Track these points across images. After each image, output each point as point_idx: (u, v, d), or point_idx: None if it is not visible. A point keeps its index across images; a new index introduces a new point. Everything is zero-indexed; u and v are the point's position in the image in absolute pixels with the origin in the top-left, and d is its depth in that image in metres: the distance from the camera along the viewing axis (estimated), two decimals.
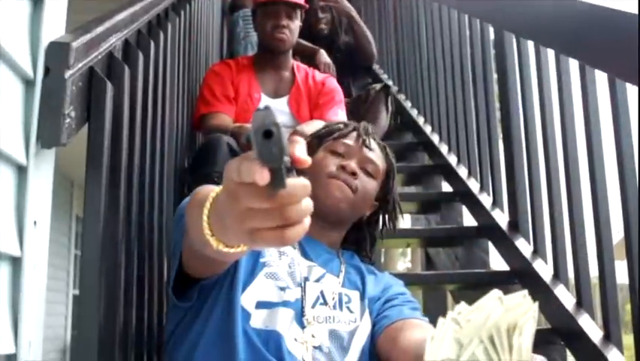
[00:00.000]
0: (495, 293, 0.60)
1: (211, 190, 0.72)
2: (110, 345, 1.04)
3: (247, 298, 1.07)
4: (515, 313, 0.58)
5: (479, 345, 0.59)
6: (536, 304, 0.59)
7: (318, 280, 1.15)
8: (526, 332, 0.58)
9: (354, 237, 1.30)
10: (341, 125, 1.31)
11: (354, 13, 3.27)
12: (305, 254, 1.18)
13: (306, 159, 0.54)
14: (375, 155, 1.26)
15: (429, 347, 0.61)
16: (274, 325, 1.06)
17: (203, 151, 1.88)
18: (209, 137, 1.93)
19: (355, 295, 1.17)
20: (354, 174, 1.20)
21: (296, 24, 2.24)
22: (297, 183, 0.52)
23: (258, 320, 1.06)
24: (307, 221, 0.55)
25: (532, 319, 0.59)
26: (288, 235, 0.54)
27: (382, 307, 1.16)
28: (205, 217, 0.70)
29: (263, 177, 0.50)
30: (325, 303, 1.13)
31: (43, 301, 1.00)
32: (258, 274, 1.10)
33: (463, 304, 0.62)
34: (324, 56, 2.91)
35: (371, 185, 1.24)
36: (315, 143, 1.29)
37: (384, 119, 2.55)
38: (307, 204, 0.54)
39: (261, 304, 1.07)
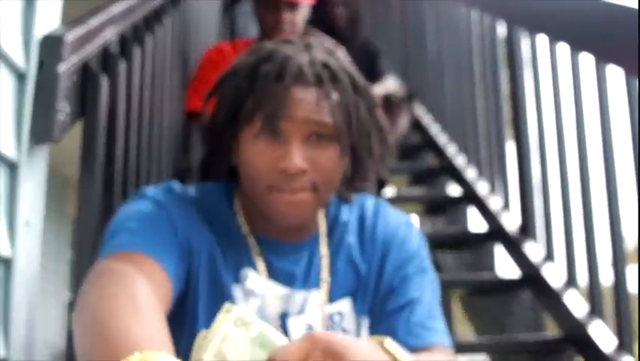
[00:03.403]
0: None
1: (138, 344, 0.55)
2: None
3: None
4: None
5: None
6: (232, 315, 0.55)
7: (301, 312, 0.90)
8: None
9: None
10: (256, 83, 0.84)
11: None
12: (275, 273, 0.89)
13: None
14: (325, 106, 0.83)
15: None
16: None
17: None
18: None
19: (346, 304, 0.92)
20: (304, 171, 0.82)
21: (300, 15, 2.04)
22: None
23: None
24: None
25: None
26: None
27: (379, 303, 0.90)
28: None
29: None
30: None
31: (35, 303, 0.98)
32: None
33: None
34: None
35: (333, 154, 0.85)
36: (228, 127, 0.86)
37: (405, 123, 2.46)
38: None
39: None
